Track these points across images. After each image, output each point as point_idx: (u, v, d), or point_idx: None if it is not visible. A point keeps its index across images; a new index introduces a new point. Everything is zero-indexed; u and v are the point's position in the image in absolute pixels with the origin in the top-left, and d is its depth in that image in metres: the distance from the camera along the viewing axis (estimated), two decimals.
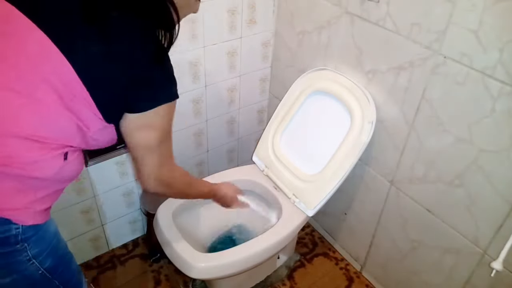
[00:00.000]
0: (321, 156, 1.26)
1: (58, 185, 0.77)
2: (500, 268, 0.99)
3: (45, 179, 0.72)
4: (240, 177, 1.40)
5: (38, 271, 0.76)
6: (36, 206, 0.73)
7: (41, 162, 0.69)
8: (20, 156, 0.67)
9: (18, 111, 0.67)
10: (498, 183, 0.98)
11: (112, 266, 1.55)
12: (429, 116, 1.08)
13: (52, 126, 0.69)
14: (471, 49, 0.93)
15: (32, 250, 0.73)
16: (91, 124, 0.73)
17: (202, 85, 1.46)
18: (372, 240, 1.45)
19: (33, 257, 0.74)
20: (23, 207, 0.71)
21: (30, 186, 0.71)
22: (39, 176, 0.70)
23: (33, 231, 0.73)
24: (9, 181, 0.68)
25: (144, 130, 0.77)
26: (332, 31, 1.28)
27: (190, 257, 1.10)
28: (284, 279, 1.54)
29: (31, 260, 0.74)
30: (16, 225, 0.70)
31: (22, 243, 0.72)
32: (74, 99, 0.69)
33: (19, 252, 0.72)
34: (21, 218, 0.70)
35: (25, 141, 0.67)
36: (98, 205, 1.45)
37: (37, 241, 0.74)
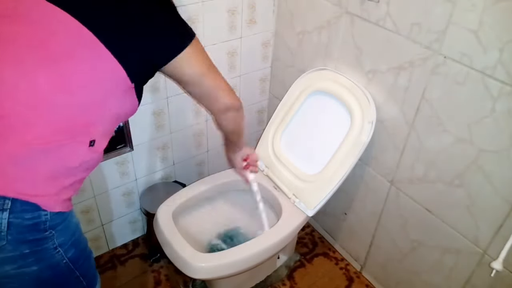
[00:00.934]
0: (321, 156, 1.26)
1: (83, 173, 0.79)
2: (500, 268, 0.99)
3: (75, 166, 0.75)
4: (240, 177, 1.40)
5: (63, 260, 0.77)
6: (64, 193, 0.75)
7: (72, 148, 0.73)
8: (54, 142, 0.70)
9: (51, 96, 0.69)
10: (498, 183, 0.98)
11: (112, 266, 1.55)
12: (429, 116, 1.08)
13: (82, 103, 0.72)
14: (471, 49, 0.93)
15: (58, 238, 0.75)
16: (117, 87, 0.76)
17: None
18: (372, 240, 1.45)
19: (59, 245, 0.75)
20: (52, 194, 0.72)
21: (59, 172, 0.73)
22: (68, 162, 0.73)
23: (60, 219, 0.74)
24: (42, 166, 0.70)
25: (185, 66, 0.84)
26: (332, 31, 1.28)
27: (190, 257, 1.10)
28: (284, 279, 1.54)
29: (57, 248, 0.75)
30: (45, 212, 0.71)
31: (50, 230, 0.73)
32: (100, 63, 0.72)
33: (47, 239, 0.73)
34: (50, 204, 0.72)
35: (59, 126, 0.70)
36: (98, 205, 1.45)
37: (62, 229, 0.75)
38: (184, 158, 1.61)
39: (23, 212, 0.69)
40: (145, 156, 1.48)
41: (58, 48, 0.70)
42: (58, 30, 0.70)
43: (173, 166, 1.59)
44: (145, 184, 1.54)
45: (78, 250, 0.80)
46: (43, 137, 0.69)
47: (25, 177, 0.69)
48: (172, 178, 1.62)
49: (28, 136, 0.68)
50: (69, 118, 0.72)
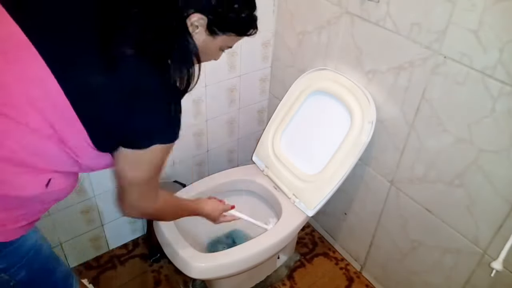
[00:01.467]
0: (321, 156, 1.26)
1: (39, 206, 0.74)
2: (500, 268, 0.99)
3: (25, 200, 0.69)
4: (240, 177, 1.40)
5: (10, 283, 0.73)
6: (9, 224, 0.69)
7: (20, 185, 0.67)
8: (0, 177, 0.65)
9: (5, 133, 0.64)
10: (498, 183, 0.98)
11: (112, 266, 1.55)
12: (429, 116, 1.08)
13: (38, 152, 0.67)
14: (471, 49, 0.93)
15: (1, 264, 0.71)
16: (81, 153, 0.70)
17: (202, 85, 1.46)
18: (372, 240, 1.45)
19: (1, 270, 0.72)
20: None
21: (4, 205, 0.68)
22: (18, 198, 0.68)
23: (2, 247, 0.70)
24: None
25: (135, 166, 0.74)
26: (332, 31, 1.28)
27: (190, 257, 1.10)
28: (284, 279, 1.54)
29: (0, 273, 0.72)
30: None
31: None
32: (65, 127, 0.66)
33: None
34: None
35: (7, 163, 0.64)
36: (98, 205, 1.45)
37: (7, 255, 0.71)
38: (184, 158, 1.61)
39: None
40: None
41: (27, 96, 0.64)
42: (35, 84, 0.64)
43: (173, 166, 1.59)
44: None
45: (31, 271, 0.76)
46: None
47: None
48: (172, 178, 1.62)
49: None
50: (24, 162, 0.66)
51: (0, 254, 0.70)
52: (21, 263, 0.74)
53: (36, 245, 0.77)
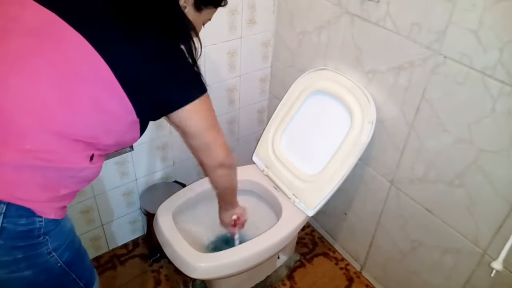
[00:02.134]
0: (321, 156, 1.26)
1: (79, 185, 0.80)
2: (500, 268, 0.99)
3: (69, 177, 0.76)
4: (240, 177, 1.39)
5: (57, 263, 0.78)
6: (59, 202, 0.76)
7: (69, 160, 0.73)
8: (51, 151, 0.71)
9: (56, 109, 0.71)
10: (498, 183, 0.98)
11: (112, 266, 1.55)
12: (429, 116, 1.08)
13: (82, 124, 0.73)
14: (471, 49, 0.93)
15: (53, 243, 0.76)
16: (122, 119, 0.78)
17: None
18: (372, 240, 1.45)
19: (53, 250, 0.76)
20: (47, 201, 0.73)
21: (56, 182, 0.74)
22: (64, 174, 0.74)
23: (54, 225, 0.75)
24: (39, 175, 0.71)
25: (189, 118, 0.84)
26: (332, 31, 1.28)
27: (190, 257, 1.10)
28: (284, 279, 1.54)
29: (51, 253, 0.76)
30: (40, 218, 0.72)
31: (44, 236, 0.74)
32: (109, 95, 0.74)
33: (40, 244, 0.74)
34: (45, 211, 0.73)
35: (58, 136, 0.71)
36: (98, 205, 1.45)
37: (56, 235, 0.76)
38: (184, 158, 1.61)
39: (18, 217, 0.70)
40: (145, 156, 1.48)
41: (74, 72, 0.71)
42: (76, 55, 0.72)
43: (173, 166, 1.59)
44: (145, 184, 1.54)
45: (72, 252, 0.81)
46: (42, 148, 0.70)
47: (22, 183, 0.70)
48: (172, 178, 1.62)
49: (28, 144, 0.69)
50: (72, 135, 0.73)
51: (53, 232, 0.75)
52: (66, 243, 0.79)
53: (73, 228, 0.83)
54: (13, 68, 0.69)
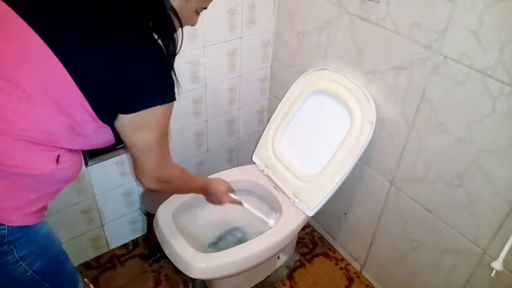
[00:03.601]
0: (321, 156, 1.26)
1: (51, 187, 0.76)
2: (500, 268, 0.99)
3: (37, 180, 0.71)
4: (240, 177, 1.40)
5: (27, 273, 0.75)
6: (27, 207, 0.72)
7: (32, 162, 0.69)
8: (13, 156, 0.67)
9: (14, 110, 0.67)
10: (498, 183, 0.98)
11: (112, 266, 1.55)
12: (429, 116, 1.08)
13: (45, 127, 0.69)
14: (471, 49, 0.93)
15: (20, 252, 0.72)
16: (85, 125, 0.72)
17: (202, 85, 1.46)
18: (372, 240, 1.45)
19: (20, 259, 0.73)
20: (12, 208, 0.70)
21: (21, 186, 0.70)
22: (30, 177, 0.70)
23: (21, 233, 0.72)
24: (3, 181, 0.68)
25: (140, 130, 0.77)
26: (332, 31, 1.28)
27: (190, 257, 1.10)
28: (284, 279, 1.54)
29: (18, 262, 0.73)
30: (2, 226, 0.69)
31: (8, 244, 0.71)
32: (69, 100, 0.69)
33: (5, 253, 0.71)
34: (9, 218, 0.70)
35: (18, 141, 0.67)
36: (98, 205, 1.45)
37: (25, 243, 0.73)
38: (184, 158, 1.61)
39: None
40: None
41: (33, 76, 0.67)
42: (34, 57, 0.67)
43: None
44: None
45: (46, 261, 0.78)
46: (2, 153, 0.67)
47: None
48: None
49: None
50: (32, 138, 0.68)
51: (21, 240, 0.72)
52: (38, 251, 0.75)
53: (50, 234, 0.80)
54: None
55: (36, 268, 0.75)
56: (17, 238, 0.71)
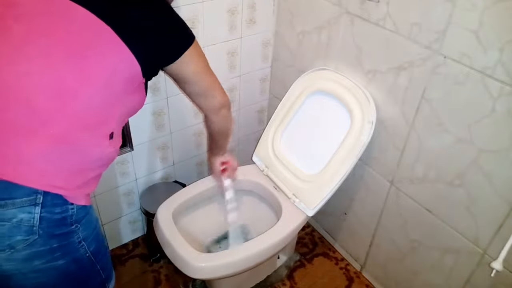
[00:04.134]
0: (321, 156, 1.26)
1: (102, 168, 0.81)
2: (500, 268, 0.99)
3: (95, 159, 0.77)
4: (240, 177, 1.40)
5: (86, 253, 0.78)
6: (86, 187, 0.77)
7: (93, 141, 0.75)
8: (77, 135, 0.72)
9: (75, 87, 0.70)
10: (498, 183, 0.98)
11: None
12: (429, 116, 1.08)
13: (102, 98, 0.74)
14: (471, 49, 0.93)
15: (82, 232, 0.76)
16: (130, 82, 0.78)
17: None
18: (372, 240, 1.45)
19: (83, 239, 0.77)
20: (77, 187, 0.74)
21: (84, 166, 0.75)
22: (90, 156, 0.75)
23: (83, 213, 0.76)
24: (68, 159, 0.72)
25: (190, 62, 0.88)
26: (332, 31, 1.28)
27: (190, 257, 1.10)
28: (284, 279, 1.54)
29: (82, 242, 0.77)
30: (72, 205, 0.73)
31: (76, 224, 0.74)
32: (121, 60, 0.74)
33: (72, 233, 0.75)
34: (76, 197, 0.73)
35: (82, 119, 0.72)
36: (98, 205, 1.45)
37: (86, 223, 0.77)
38: (184, 158, 1.61)
39: (53, 206, 0.71)
40: (145, 156, 1.48)
41: (82, 44, 0.71)
42: (80, 27, 0.71)
43: (173, 166, 1.59)
44: (145, 184, 1.54)
45: (98, 243, 0.82)
46: (70, 132, 0.71)
47: (54, 170, 0.71)
48: (172, 178, 1.62)
49: (52, 129, 0.69)
50: (93, 111, 0.73)
51: (83, 220, 0.76)
52: (94, 233, 0.80)
53: (98, 220, 0.84)
54: (22, 54, 0.68)
55: (92, 249, 0.79)
56: (81, 218, 0.76)
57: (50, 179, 0.70)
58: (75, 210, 0.74)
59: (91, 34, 0.71)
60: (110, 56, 0.73)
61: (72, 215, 0.74)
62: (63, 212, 0.72)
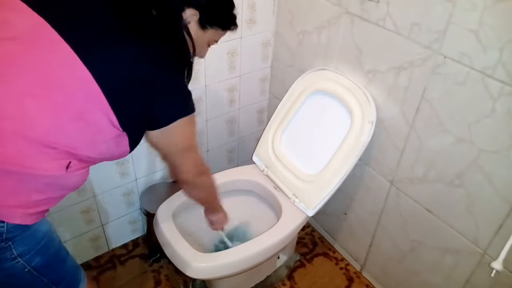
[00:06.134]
0: (321, 156, 1.26)
1: (55, 192, 0.77)
2: (500, 268, 0.99)
3: (43, 182, 0.72)
4: (240, 177, 1.40)
5: (25, 269, 0.76)
6: (29, 208, 0.73)
7: (43, 164, 0.70)
8: (25, 157, 0.68)
9: (36, 116, 0.68)
10: (498, 183, 0.98)
11: (112, 266, 1.55)
12: (429, 116, 1.08)
13: (63, 133, 0.71)
14: (471, 49, 0.93)
15: (18, 248, 0.73)
16: (104, 132, 0.75)
17: (202, 85, 1.46)
18: (372, 240, 1.45)
19: (18, 255, 0.74)
20: (13, 206, 0.71)
21: (26, 186, 0.71)
22: (37, 178, 0.71)
23: (20, 230, 0.73)
24: (9, 179, 0.69)
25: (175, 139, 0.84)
26: (332, 31, 1.28)
27: (190, 257, 1.10)
28: (284, 279, 1.54)
29: (17, 258, 0.74)
30: (1, 223, 0.70)
31: (6, 241, 0.72)
32: (92, 105, 0.71)
33: (3, 249, 0.72)
34: (9, 215, 0.70)
35: (34, 143, 0.68)
36: (98, 205, 1.45)
37: (23, 240, 0.74)
38: None
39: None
40: (145, 156, 1.48)
41: (58, 81, 0.69)
42: (60, 63, 0.70)
43: None
44: (145, 184, 1.54)
45: (45, 257, 0.79)
46: (14, 153, 0.68)
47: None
48: (172, 178, 1.62)
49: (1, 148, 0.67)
50: (49, 142, 0.70)
51: (18, 237, 0.73)
52: (36, 248, 0.76)
53: (50, 232, 0.81)
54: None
55: (35, 264, 0.77)
56: (15, 235, 0.72)
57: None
58: (4, 229, 0.70)
59: (69, 74, 0.69)
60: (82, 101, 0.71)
61: (2, 233, 0.70)
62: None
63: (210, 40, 0.93)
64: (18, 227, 0.72)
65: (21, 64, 0.68)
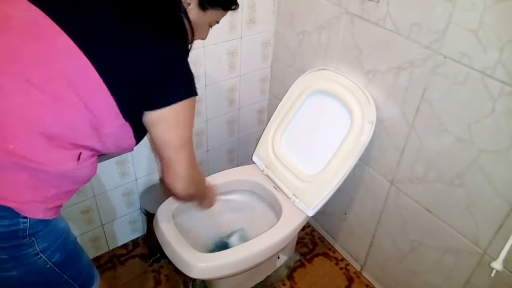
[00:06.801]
0: (321, 156, 1.26)
1: (70, 186, 0.78)
2: (500, 268, 0.99)
3: (57, 177, 0.73)
4: (240, 177, 1.40)
5: (46, 265, 0.77)
6: (47, 203, 0.74)
7: (54, 160, 0.71)
8: (36, 152, 0.69)
9: (37, 107, 0.69)
10: (498, 183, 0.98)
11: (112, 266, 1.55)
12: (429, 116, 1.08)
13: (70, 124, 0.71)
14: (471, 49, 0.93)
15: (40, 244, 0.75)
16: (108, 123, 0.74)
17: (202, 85, 1.46)
18: (372, 240, 1.45)
19: (41, 251, 0.75)
20: (33, 201, 0.72)
21: (43, 182, 0.72)
22: (52, 173, 0.72)
23: (42, 226, 0.74)
24: (24, 174, 0.69)
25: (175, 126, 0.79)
26: (332, 31, 1.28)
27: (190, 257, 1.10)
28: (284, 279, 1.54)
29: (39, 254, 0.75)
30: (24, 219, 0.71)
31: (30, 237, 0.73)
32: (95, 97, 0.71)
33: (26, 246, 0.73)
34: (30, 211, 0.71)
35: (43, 138, 0.69)
36: (98, 205, 1.45)
37: (45, 235, 0.75)
38: None
39: (1, 218, 0.69)
40: (145, 156, 1.48)
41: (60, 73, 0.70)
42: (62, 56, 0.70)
43: None
44: (145, 184, 1.54)
45: (64, 253, 0.80)
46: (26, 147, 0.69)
47: (7, 182, 0.69)
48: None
49: (12, 144, 0.67)
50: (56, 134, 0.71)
51: (40, 233, 0.74)
52: (56, 244, 0.77)
53: (66, 228, 0.82)
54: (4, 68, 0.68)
55: (55, 260, 0.78)
56: (38, 231, 0.74)
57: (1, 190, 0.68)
58: (27, 224, 0.71)
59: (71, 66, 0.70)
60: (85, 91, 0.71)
61: (25, 229, 0.71)
62: (13, 226, 0.70)
63: (212, 21, 0.90)
64: (40, 222, 0.73)
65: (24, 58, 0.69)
